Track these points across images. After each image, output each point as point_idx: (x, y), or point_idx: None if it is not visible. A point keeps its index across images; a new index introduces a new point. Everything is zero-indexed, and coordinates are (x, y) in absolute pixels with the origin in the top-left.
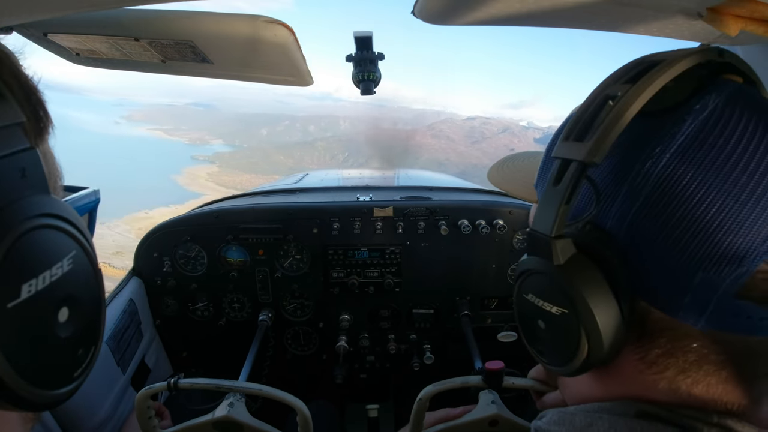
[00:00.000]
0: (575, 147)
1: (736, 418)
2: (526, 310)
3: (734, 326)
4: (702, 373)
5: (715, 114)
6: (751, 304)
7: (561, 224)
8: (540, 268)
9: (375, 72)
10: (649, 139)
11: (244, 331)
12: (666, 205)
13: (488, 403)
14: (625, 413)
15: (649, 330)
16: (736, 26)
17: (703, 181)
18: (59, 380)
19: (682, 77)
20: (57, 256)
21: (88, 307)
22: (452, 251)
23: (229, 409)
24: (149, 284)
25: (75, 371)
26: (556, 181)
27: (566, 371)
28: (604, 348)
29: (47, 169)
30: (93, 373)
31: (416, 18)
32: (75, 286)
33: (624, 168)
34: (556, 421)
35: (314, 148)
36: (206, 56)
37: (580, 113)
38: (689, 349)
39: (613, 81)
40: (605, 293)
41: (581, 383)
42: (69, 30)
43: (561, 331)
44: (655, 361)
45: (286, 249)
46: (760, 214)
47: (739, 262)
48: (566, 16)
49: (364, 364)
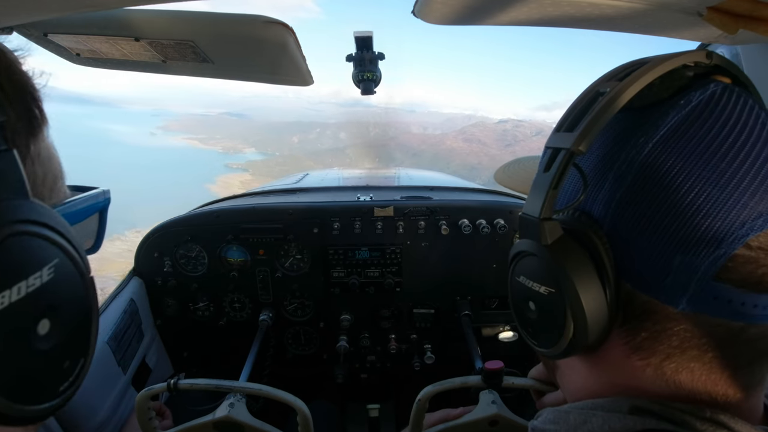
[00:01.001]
0: (565, 137)
1: (728, 414)
2: (518, 292)
3: (715, 310)
4: (685, 359)
5: (697, 108)
6: (731, 287)
7: (549, 208)
8: (530, 249)
9: (375, 72)
10: (635, 130)
11: (245, 331)
12: (648, 191)
13: (488, 403)
14: (618, 409)
15: (634, 313)
16: (736, 25)
17: (682, 168)
18: (41, 395)
19: (668, 76)
20: (35, 265)
21: (74, 317)
22: (453, 251)
23: (230, 409)
24: (150, 284)
25: (60, 385)
26: (546, 168)
27: (554, 352)
28: (588, 328)
29: (41, 171)
30: (93, 373)
31: (416, 18)
32: (57, 296)
33: (611, 158)
34: (552, 420)
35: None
36: (207, 56)
37: (572, 107)
38: (672, 333)
39: (605, 79)
40: (590, 274)
41: (575, 372)
42: (69, 30)
43: (549, 310)
44: (640, 346)
45: (287, 249)
46: (738, 199)
47: (717, 244)
48: (566, 15)
49: (364, 363)
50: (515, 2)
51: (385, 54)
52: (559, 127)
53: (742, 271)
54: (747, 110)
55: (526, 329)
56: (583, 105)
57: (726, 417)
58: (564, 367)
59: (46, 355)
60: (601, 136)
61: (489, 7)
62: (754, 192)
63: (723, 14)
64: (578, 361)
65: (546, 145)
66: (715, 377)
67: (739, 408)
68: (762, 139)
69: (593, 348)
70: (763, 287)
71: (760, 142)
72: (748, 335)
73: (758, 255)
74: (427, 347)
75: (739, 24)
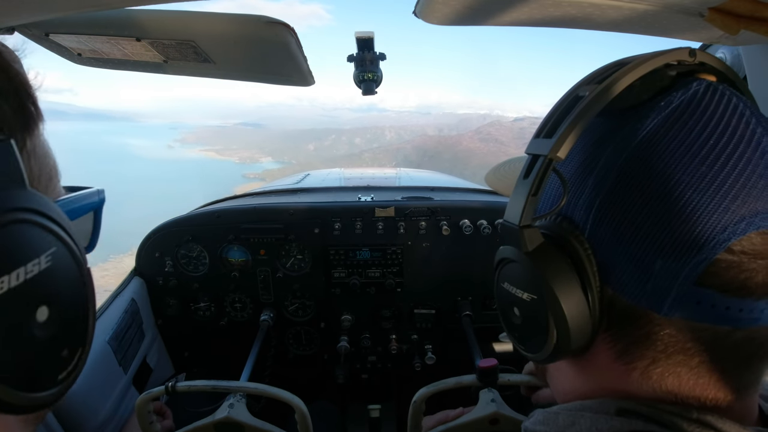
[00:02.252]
0: (543, 143)
1: (717, 414)
2: (504, 299)
3: (699, 315)
4: (671, 363)
5: (678, 110)
6: (714, 292)
7: (528, 214)
8: (512, 256)
9: (376, 72)
10: (614, 134)
11: (246, 331)
12: (627, 196)
13: (488, 402)
14: (606, 411)
15: (618, 318)
16: (738, 26)
17: (661, 172)
18: (41, 383)
19: (649, 77)
20: (33, 252)
21: (71, 306)
22: (454, 251)
23: (230, 410)
24: (151, 284)
25: (60, 373)
26: (526, 175)
27: (540, 357)
28: (571, 334)
29: (36, 167)
30: (94, 373)
31: (417, 18)
32: (56, 284)
33: (591, 162)
34: (541, 421)
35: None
36: (208, 56)
37: (551, 112)
38: (657, 338)
39: (585, 82)
40: (571, 280)
41: (564, 375)
42: (71, 30)
43: (532, 317)
44: (626, 351)
45: (288, 249)
46: (719, 203)
47: (699, 249)
48: (568, 16)
49: (365, 364)
50: (516, 3)
51: (386, 54)
52: (539, 133)
53: (724, 276)
54: (731, 109)
55: (513, 334)
56: (562, 110)
57: (713, 418)
58: (553, 369)
59: (45, 342)
60: (582, 140)
61: (489, 8)
62: (736, 195)
63: (724, 15)
64: (566, 364)
65: (525, 151)
66: (703, 381)
67: (729, 410)
68: (745, 139)
69: (579, 353)
70: (746, 292)
71: (743, 143)
72: (734, 339)
73: (741, 259)
74: (428, 348)
75: (740, 25)
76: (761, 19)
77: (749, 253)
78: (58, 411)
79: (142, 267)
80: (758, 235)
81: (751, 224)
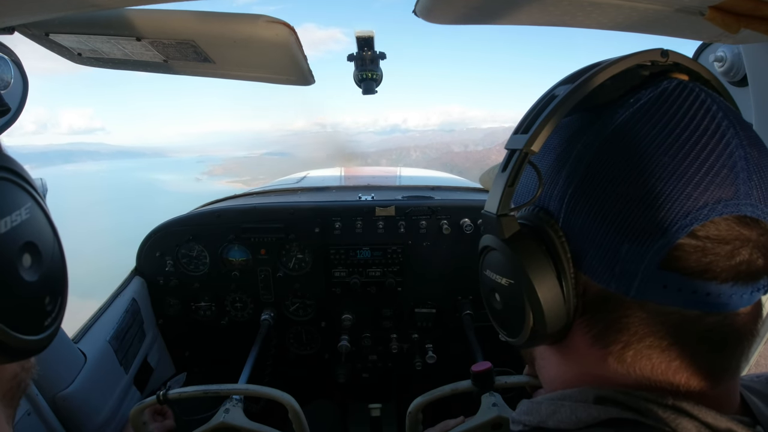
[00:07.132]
0: (519, 139)
1: (692, 401)
2: (485, 284)
3: (666, 298)
4: (643, 346)
5: (645, 106)
6: (679, 275)
7: (506, 204)
8: (491, 244)
9: (377, 71)
10: (586, 130)
11: (247, 330)
12: (596, 185)
13: (489, 407)
14: (585, 399)
15: (591, 303)
16: (738, 25)
17: (627, 162)
18: (30, 326)
19: (620, 76)
20: (15, 204)
21: (48, 256)
22: (454, 250)
23: (225, 415)
24: (152, 284)
25: (45, 320)
26: (503, 168)
27: (520, 342)
28: (546, 317)
29: None
30: (96, 372)
31: (417, 17)
32: (34, 234)
33: (564, 156)
34: (526, 411)
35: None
36: (208, 56)
37: (529, 110)
38: (628, 321)
39: (562, 83)
40: (545, 266)
41: (549, 363)
42: (71, 30)
43: (510, 301)
44: (600, 335)
45: (288, 248)
46: (681, 190)
47: (662, 234)
48: (568, 15)
49: (366, 363)
50: (516, 2)
51: (386, 53)
52: (517, 130)
53: (689, 260)
54: (697, 104)
55: (495, 320)
56: (539, 108)
57: (689, 405)
58: (539, 358)
59: (31, 287)
60: (558, 136)
61: (489, 7)
62: (698, 183)
63: (725, 13)
64: (549, 351)
65: (505, 146)
66: (676, 365)
67: (704, 396)
68: (710, 132)
69: (558, 338)
70: (710, 275)
71: (707, 134)
72: (705, 323)
73: (705, 244)
74: (429, 347)
75: (740, 23)
76: (761, 17)
77: (713, 239)
78: (59, 410)
79: (142, 267)
80: (723, 221)
81: (713, 210)
